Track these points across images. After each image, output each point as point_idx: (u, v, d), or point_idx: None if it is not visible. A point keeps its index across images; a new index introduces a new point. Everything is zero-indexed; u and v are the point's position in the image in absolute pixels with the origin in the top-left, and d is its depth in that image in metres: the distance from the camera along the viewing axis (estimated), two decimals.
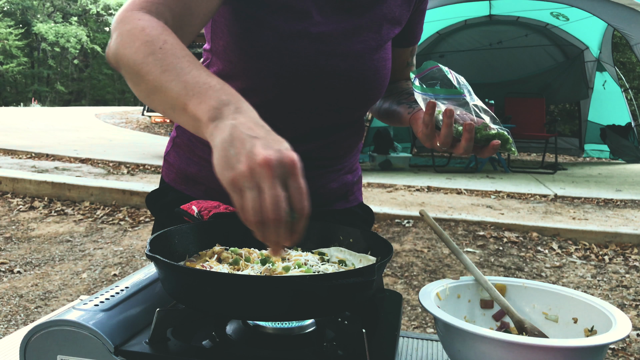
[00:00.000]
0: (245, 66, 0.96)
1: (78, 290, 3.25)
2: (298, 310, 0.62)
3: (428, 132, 0.90)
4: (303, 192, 0.60)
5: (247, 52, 0.95)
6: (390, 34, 1.06)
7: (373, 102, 1.07)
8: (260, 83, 0.97)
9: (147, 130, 13.26)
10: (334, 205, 1.14)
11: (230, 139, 0.62)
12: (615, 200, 5.63)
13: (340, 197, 1.15)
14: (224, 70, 1.01)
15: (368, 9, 1.01)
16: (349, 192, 1.17)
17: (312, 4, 0.96)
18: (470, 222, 4.46)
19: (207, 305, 0.63)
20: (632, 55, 10.02)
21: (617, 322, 0.71)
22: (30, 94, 33.55)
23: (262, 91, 0.98)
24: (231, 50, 0.97)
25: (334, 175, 1.12)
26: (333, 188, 1.13)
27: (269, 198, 0.58)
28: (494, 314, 0.86)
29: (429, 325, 2.88)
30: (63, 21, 35.18)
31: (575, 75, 9.34)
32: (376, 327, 0.72)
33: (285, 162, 0.60)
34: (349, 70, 0.99)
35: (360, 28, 1.01)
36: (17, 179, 5.40)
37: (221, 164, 0.61)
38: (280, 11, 0.94)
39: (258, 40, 0.94)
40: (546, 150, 8.51)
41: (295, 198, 0.59)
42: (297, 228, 0.60)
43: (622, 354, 2.60)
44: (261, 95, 0.98)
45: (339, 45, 0.98)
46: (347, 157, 1.14)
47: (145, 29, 0.76)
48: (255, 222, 0.58)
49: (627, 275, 3.64)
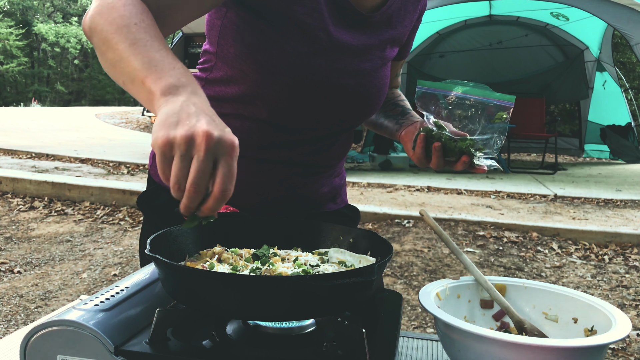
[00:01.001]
0: (258, 77, 0.96)
1: (78, 290, 3.25)
2: (298, 310, 0.62)
3: (421, 159, 0.99)
4: (232, 175, 0.61)
5: (262, 64, 0.95)
6: (392, 54, 1.10)
7: (371, 115, 1.13)
8: (271, 93, 0.98)
9: (147, 130, 13.25)
10: (325, 207, 1.20)
11: (178, 110, 0.63)
12: (615, 200, 5.63)
13: (330, 200, 1.20)
14: (233, 77, 1.00)
15: (379, 29, 1.05)
16: (337, 195, 1.22)
17: (329, 20, 0.97)
18: (470, 222, 4.46)
19: (207, 305, 0.63)
20: (632, 55, 10.02)
21: (617, 322, 0.71)
22: (30, 94, 33.55)
23: (270, 100, 0.99)
24: (244, 60, 0.96)
25: (325, 180, 1.16)
26: (324, 192, 1.17)
27: (194, 171, 0.59)
28: (494, 314, 0.86)
29: (429, 325, 2.88)
30: (63, 21, 35.17)
31: (575, 75, 9.34)
32: (376, 327, 0.72)
33: (224, 141, 0.61)
34: (357, 87, 1.03)
35: (370, 47, 1.04)
36: (17, 179, 5.40)
37: (159, 125, 0.62)
38: (298, 29, 0.95)
39: (276, 56, 0.94)
40: (546, 151, 8.51)
41: (222, 178, 0.60)
42: (209, 204, 0.62)
43: (622, 354, 2.60)
44: (269, 103, 1.00)
45: (351, 64, 1.02)
46: (339, 163, 1.20)
47: (127, 5, 0.76)
48: (172, 185, 0.61)
49: (627, 275, 3.64)
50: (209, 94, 1.01)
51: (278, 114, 1.01)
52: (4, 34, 31.14)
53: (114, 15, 0.75)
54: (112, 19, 0.75)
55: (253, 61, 0.95)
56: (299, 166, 1.08)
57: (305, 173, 1.11)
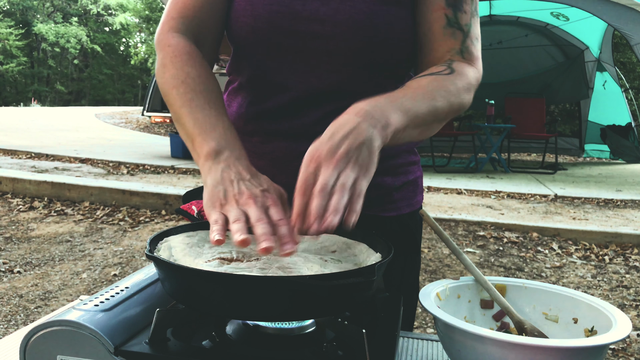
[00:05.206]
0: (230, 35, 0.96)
1: (78, 290, 3.25)
2: (298, 310, 0.62)
3: None
4: (284, 222, 0.66)
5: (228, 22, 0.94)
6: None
7: (384, 60, 0.90)
8: (241, 41, 0.94)
9: (147, 130, 13.26)
10: (369, 209, 0.93)
11: (220, 179, 0.72)
12: (615, 200, 5.63)
13: (373, 203, 0.97)
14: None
15: None
16: (385, 199, 0.99)
17: None
18: (470, 222, 4.46)
19: (207, 306, 0.63)
20: (633, 55, 10.02)
21: (617, 322, 0.71)
22: (30, 94, 33.57)
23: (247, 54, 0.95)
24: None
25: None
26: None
27: (254, 217, 0.66)
28: (494, 314, 0.86)
29: (429, 325, 2.87)
30: (63, 21, 35.17)
31: (576, 75, 9.34)
32: (376, 327, 0.72)
33: (267, 198, 0.69)
34: (334, 14, 0.87)
35: None
36: (17, 179, 5.40)
37: (209, 198, 0.71)
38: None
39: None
40: (546, 151, 8.51)
41: (272, 217, 0.67)
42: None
43: (622, 354, 2.60)
44: (249, 59, 0.95)
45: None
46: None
47: (174, 59, 0.86)
48: (237, 242, 0.64)
49: (627, 275, 3.64)
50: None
51: (264, 69, 0.94)
52: (4, 34, 31.14)
53: (166, 76, 0.86)
54: (165, 80, 0.86)
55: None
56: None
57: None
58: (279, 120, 0.95)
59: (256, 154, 0.97)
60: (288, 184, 0.89)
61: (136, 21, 34.57)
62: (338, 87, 0.92)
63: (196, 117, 0.80)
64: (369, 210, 0.95)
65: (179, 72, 0.84)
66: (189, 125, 0.80)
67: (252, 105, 0.98)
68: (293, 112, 0.94)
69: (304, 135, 0.92)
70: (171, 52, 0.87)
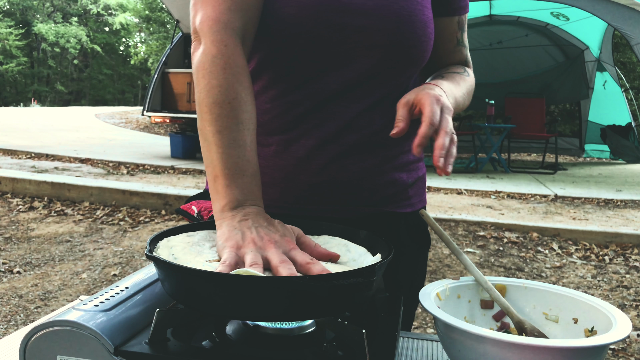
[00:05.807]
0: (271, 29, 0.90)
1: (78, 291, 3.25)
2: (298, 310, 0.62)
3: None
4: (302, 257, 0.68)
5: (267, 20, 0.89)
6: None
7: (416, 57, 0.93)
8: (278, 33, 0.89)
9: (147, 130, 13.26)
10: (382, 206, 0.98)
11: (237, 225, 0.72)
12: (615, 200, 5.63)
13: (391, 198, 0.99)
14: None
15: None
16: (400, 195, 1.01)
17: None
18: (470, 222, 4.46)
19: (207, 306, 0.63)
20: (633, 55, 10.02)
21: (618, 323, 0.71)
22: (30, 94, 33.57)
23: (282, 48, 0.90)
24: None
25: (384, 165, 0.97)
26: (380, 183, 0.97)
27: (275, 260, 0.67)
28: (494, 314, 0.86)
29: (429, 325, 2.87)
30: (63, 21, 35.18)
31: (576, 75, 9.35)
32: (376, 327, 0.72)
33: (287, 242, 0.70)
34: (379, 8, 0.88)
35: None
36: (17, 179, 5.40)
37: (226, 239, 0.70)
38: None
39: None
40: (546, 151, 8.51)
41: (297, 259, 0.68)
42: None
43: (622, 354, 2.60)
44: (283, 53, 0.90)
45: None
46: (400, 144, 0.98)
47: (226, 66, 0.79)
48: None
49: (628, 275, 3.64)
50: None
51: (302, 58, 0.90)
52: (4, 33, 31.14)
53: (212, 84, 0.79)
54: (209, 89, 0.79)
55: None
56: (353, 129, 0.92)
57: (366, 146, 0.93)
58: (306, 119, 0.93)
59: (278, 154, 0.94)
60: (309, 182, 0.93)
61: (136, 21, 34.56)
62: (368, 82, 0.92)
63: (229, 153, 0.76)
64: (387, 207, 0.99)
65: (229, 90, 0.78)
66: (216, 156, 0.76)
67: (277, 101, 0.94)
68: (318, 111, 0.92)
69: (328, 135, 0.92)
70: (227, 56, 0.80)
